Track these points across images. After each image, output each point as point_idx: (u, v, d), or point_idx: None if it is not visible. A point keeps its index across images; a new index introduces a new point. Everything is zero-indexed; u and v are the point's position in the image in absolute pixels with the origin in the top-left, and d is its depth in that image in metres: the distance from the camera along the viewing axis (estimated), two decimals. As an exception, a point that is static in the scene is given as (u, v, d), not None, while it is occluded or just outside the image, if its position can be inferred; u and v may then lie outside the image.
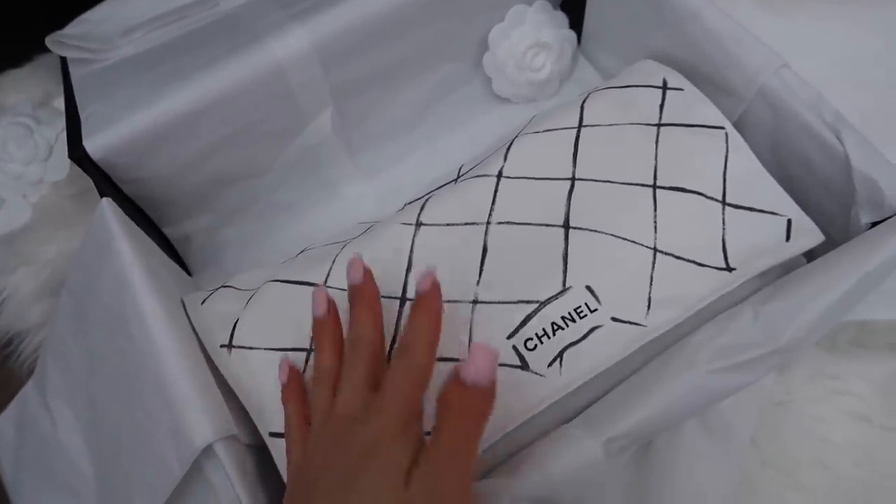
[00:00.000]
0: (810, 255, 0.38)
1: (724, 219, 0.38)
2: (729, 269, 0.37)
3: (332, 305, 0.36)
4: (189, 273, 0.51)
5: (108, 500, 0.38)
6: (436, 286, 0.32)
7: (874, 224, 0.38)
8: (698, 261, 0.37)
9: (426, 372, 0.30)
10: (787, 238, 0.37)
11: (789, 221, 0.38)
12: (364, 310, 0.34)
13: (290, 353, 0.37)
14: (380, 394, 0.30)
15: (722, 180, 0.38)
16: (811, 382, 0.43)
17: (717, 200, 0.38)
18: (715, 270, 0.37)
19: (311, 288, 0.39)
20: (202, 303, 0.40)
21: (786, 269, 0.38)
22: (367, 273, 0.35)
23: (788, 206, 0.38)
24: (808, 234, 0.38)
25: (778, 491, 0.41)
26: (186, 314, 0.39)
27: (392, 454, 0.28)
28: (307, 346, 0.37)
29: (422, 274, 0.32)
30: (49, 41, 0.48)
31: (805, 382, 0.43)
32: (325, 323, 0.35)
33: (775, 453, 0.41)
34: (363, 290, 0.35)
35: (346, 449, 0.29)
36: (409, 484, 0.27)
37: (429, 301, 0.32)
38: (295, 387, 0.36)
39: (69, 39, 0.48)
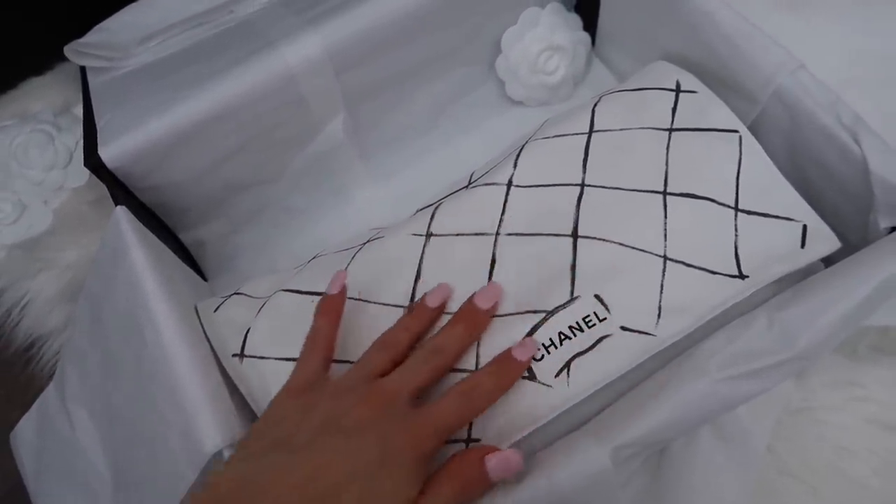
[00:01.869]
0: (827, 261, 0.38)
1: (736, 225, 0.37)
2: (742, 276, 0.36)
3: (446, 301, 0.37)
4: (205, 278, 0.51)
5: (124, 501, 0.38)
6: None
7: (893, 229, 0.37)
8: (710, 268, 0.36)
9: (473, 418, 0.34)
10: (803, 244, 0.37)
11: (804, 227, 0.37)
12: (467, 328, 0.35)
13: None
14: (437, 406, 0.32)
15: (735, 185, 0.38)
16: (830, 389, 0.42)
17: (729, 206, 0.37)
18: (727, 278, 0.36)
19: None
20: (215, 311, 0.40)
21: (802, 275, 0.38)
22: (495, 304, 0.36)
23: (804, 212, 0.37)
24: (824, 241, 0.37)
25: (795, 500, 0.40)
26: (199, 321, 0.40)
27: (421, 468, 0.31)
28: None
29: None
30: (67, 50, 0.49)
31: (824, 389, 0.42)
32: (425, 308, 0.36)
33: (793, 461, 0.41)
34: (478, 314, 0.36)
35: (391, 421, 0.31)
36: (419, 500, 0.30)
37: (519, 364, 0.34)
38: (337, 306, 0.36)
39: (87, 48, 0.49)
